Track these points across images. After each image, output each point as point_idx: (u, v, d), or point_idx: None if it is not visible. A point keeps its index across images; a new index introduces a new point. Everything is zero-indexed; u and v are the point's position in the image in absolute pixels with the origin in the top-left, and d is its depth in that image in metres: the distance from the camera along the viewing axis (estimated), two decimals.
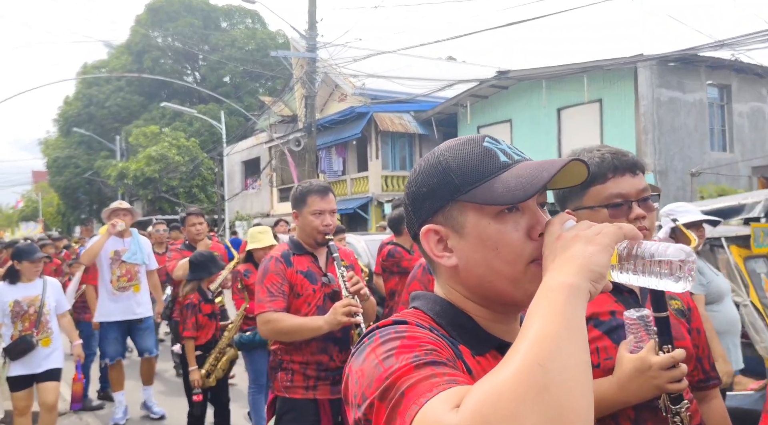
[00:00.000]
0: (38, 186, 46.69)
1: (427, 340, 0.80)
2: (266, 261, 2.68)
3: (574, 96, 13.65)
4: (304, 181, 2.82)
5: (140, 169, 24.54)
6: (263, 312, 2.54)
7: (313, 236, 2.66)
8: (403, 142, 18.26)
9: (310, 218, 2.65)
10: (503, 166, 0.86)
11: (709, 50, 11.89)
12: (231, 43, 32.62)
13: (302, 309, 2.60)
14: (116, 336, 5.29)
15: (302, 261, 2.68)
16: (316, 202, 2.64)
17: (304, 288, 2.63)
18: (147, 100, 32.71)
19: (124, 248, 5.33)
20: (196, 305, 4.16)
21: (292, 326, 2.51)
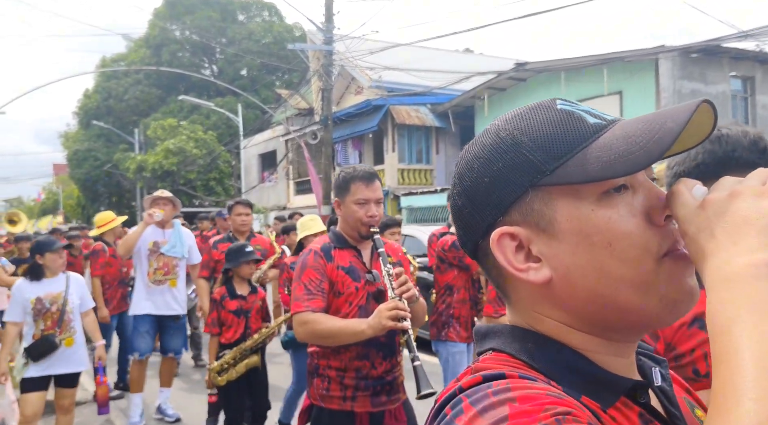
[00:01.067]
0: (59, 178, 47.39)
1: (551, 399, 0.53)
2: (305, 255, 2.43)
3: (593, 88, 13.45)
4: (348, 166, 2.54)
5: (158, 161, 24.77)
6: (300, 312, 2.30)
7: (357, 228, 2.41)
8: (420, 135, 18.18)
9: (353, 208, 2.39)
10: (597, 129, 0.63)
11: (733, 41, 11.66)
12: (248, 36, 32.70)
13: (342, 309, 2.36)
14: (147, 329, 5.03)
15: (344, 256, 2.43)
16: (360, 189, 2.38)
17: (346, 285, 2.38)
18: (165, 93, 32.97)
19: (164, 240, 5.07)
20: (218, 301, 4.00)
21: (331, 329, 2.26)
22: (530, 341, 0.64)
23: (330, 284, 2.36)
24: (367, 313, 2.31)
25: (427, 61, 16.99)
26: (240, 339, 3.97)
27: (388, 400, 2.39)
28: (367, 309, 2.34)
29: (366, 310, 2.34)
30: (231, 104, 27.95)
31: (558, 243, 0.62)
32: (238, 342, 3.96)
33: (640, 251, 0.60)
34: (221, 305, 3.99)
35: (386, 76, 17.37)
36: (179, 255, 5.06)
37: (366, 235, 2.42)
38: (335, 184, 2.48)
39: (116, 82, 33.55)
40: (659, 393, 0.68)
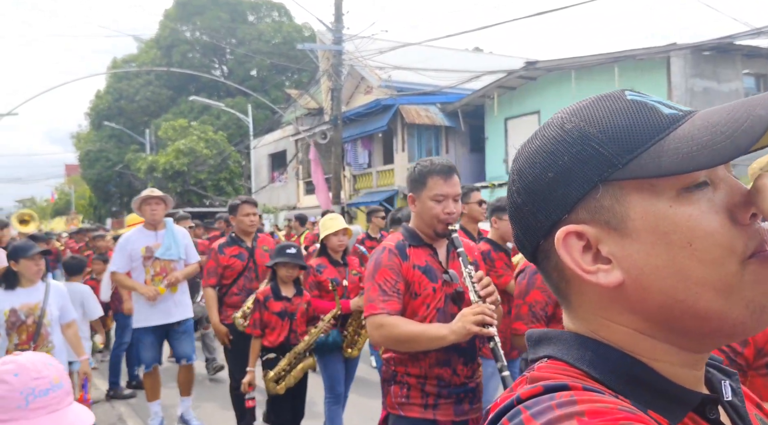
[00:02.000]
0: (71, 179, 47.83)
1: (624, 415, 0.49)
2: (378, 253, 2.27)
3: (604, 86, 13.37)
4: (424, 159, 2.34)
5: (169, 162, 24.93)
6: (375, 314, 2.14)
7: (433, 225, 2.27)
8: (430, 135, 18.16)
9: (429, 204, 2.24)
10: (674, 120, 0.58)
11: (746, 38, 11.54)
12: (258, 36, 32.83)
13: (419, 312, 2.20)
14: (152, 340, 4.74)
15: (420, 255, 2.28)
16: (437, 184, 2.23)
17: (423, 286, 2.22)
18: (176, 94, 33.18)
19: (156, 243, 4.68)
20: (262, 301, 3.83)
21: (410, 333, 2.09)
22: (591, 349, 0.60)
23: (406, 284, 2.21)
24: (445, 316, 2.18)
25: (437, 61, 16.98)
26: (284, 343, 3.81)
27: (471, 409, 2.26)
28: (445, 312, 2.20)
29: (444, 313, 2.20)
30: (241, 104, 28.09)
31: (631, 242, 0.58)
32: (282, 346, 3.80)
33: (724, 252, 0.55)
34: (265, 306, 3.82)
35: (396, 75, 17.37)
36: (176, 257, 4.70)
37: (443, 233, 2.27)
38: (410, 177, 2.32)
39: (127, 82, 33.80)
40: (729, 409, 0.64)
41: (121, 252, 4.65)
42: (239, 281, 4.58)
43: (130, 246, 4.64)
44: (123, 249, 4.64)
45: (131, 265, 4.65)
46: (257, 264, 4.61)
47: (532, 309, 2.38)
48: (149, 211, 4.68)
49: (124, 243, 4.65)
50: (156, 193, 4.76)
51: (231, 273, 4.56)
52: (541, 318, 2.38)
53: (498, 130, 16.63)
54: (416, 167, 2.31)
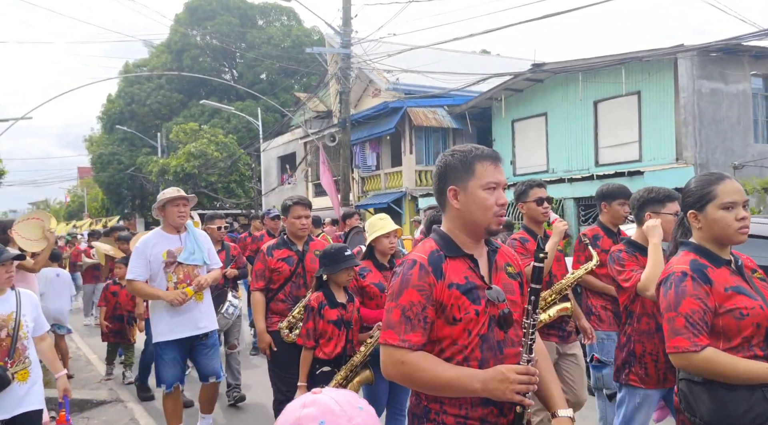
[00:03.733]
0: (83, 182, 48.37)
1: None
2: (406, 267, 1.82)
3: (611, 88, 13.42)
4: (460, 146, 1.95)
5: (180, 164, 25.21)
6: (394, 347, 1.77)
7: (486, 222, 1.84)
8: (437, 137, 18.26)
9: (482, 195, 1.84)
10: None
11: (753, 39, 11.54)
12: (267, 40, 33.11)
13: (460, 341, 1.79)
14: (175, 356, 4.21)
15: (458, 269, 1.83)
16: (489, 171, 1.85)
17: (463, 309, 1.79)
18: (186, 98, 33.52)
19: (179, 247, 4.22)
20: (315, 309, 3.47)
21: (436, 381, 1.75)
22: None
23: (439, 308, 1.80)
24: (489, 345, 1.81)
25: (444, 63, 17.08)
26: (341, 354, 3.46)
27: None
28: (489, 340, 1.81)
29: (489, 341, 1.81)
30: (251, 108, 28.35)
31: None
32: (339, 358, 3.46)
33: None
34: (320, 314, 3.46)
35: (403, 78, 17.50)
36: (200, 263, 4.28)
37: (496, 231, 1.89)
38: (448, 166, 1.89)
39: (139, 87, 34.19)
40: None
41: (139, 257, 4.16)
42: (286, 287, 4.15)
43: (149, 251, 4.15)
44: (141, 254, 4.16)
45: (151, 272, 4.17)
46: (306, 270, 4.17)
47: (689, 320, 2.08)
48: (176, 213, 4.21)
49: (143, 248, 4.18)
50: (182, 192, 4.32)
51: (278, 277, 4.15)
52: (703, 330, 2.06)
53: (505, 132, 16.70)
54: (455, 154, 1.89)
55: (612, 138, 13.77)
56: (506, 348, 1.84)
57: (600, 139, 14.14)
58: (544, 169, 15.42)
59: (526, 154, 16.12)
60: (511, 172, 16.48)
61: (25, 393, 3.10)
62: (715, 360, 2.04)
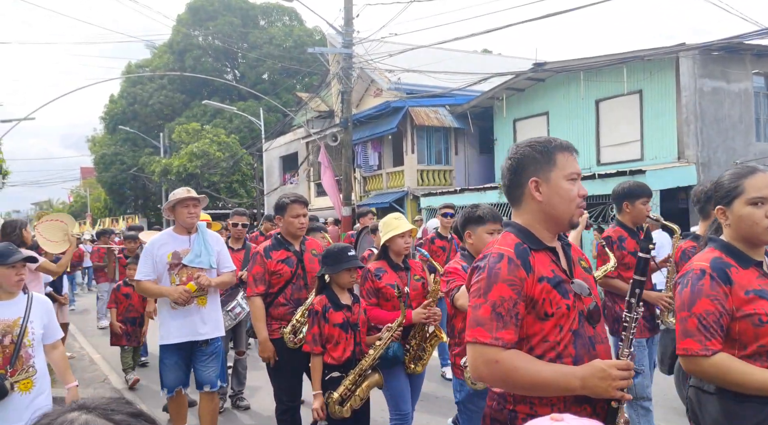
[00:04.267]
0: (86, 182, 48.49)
1: None
2: (493, 261, 1.74)
3: (613, 87, 13.42)
4: (535, 137, 1.91)
5: (183, 165, 25.28)
6: (485, 345, 1.67)
7: (570, 214, 1.80)
8: (439, 136, 18.27)
9: (566, 185, 1.79)
10: None
11: (755, 38, 11.52)
12: (269, 40, 33.15)
13: (551, 337, 1.72)
14: (176, 360, 4.12)
15: (544, 262, 1.77)
16: (570, 161, 1.80)
17: (555, 304, 1.72)
18: (189, 98, 33.59)
19: (185, 248, 4.11)
20: (319, 313, 3.33)
21: (535, 380, 1.65)
22: None
23: (530, 303, 1.72)
24: (583, 342, 1.74)
25: (446, 63, 17.10)
26: (351, 358, 3.34)
27: None
28: (582, 336, 1.74)
29: (581, 337, 1.74)
30: (253, 108, 28.40)
31: None
32: (349, 362, 3.33)
33: None
34: (324, 318, 3.32)
35: (405, 78, 17.51)
36: (206, 266, 4.13)
37: (577, 223, 1.84)
38: (527, 158, 1.82)
39: (141, 87, 34.27)
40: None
41: (146, 258, 4.13)
42: (287, 290, 3.97)
43: (156, 252, 4.09)
44: (149, 254, 4.12)
45: (157, 273, 4.10)
46: (306, 271, 4.01)
47: (703, 322, 1.95)
48: (186, 213, 4.10)
49: (150, 248, 4.14)
50: (193, 193, 4.20)
51: (278, 280, 3.95)
52: (716, 334, 1.94)
53: (507, 132, 16.71)
54: (532, 146, 1.83)
55: (614, 137, 13.77)
56: (597, 344, 1.77)
57: (602, 138, 14.14)
58: None
59: None
60: None
61: (27, 405, 2.88)
62: (726, 367, 1.92)
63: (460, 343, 3.15)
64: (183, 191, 4.19)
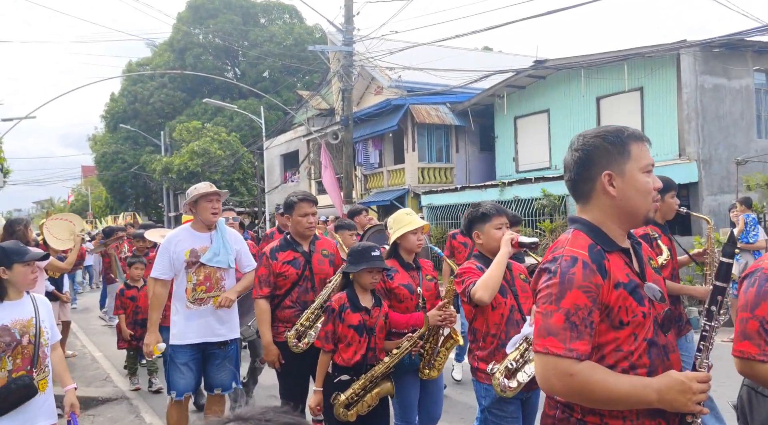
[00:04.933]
0: (87, 180, 48.52)
1: None
2: (565, 265, 1.61)
3: (613, 84, 13.41)
4: (604, 126, 1.78)
5: (184, 163, 25.27)
6: (559, 356, 1.54)
7: (646, 209, 1.68)
8: (440, 134, 18.27)
9: (642, 178, 1.67)
10: None
11: (756, 35, 11.50)
12: (269, 38, 33.10)
13: (624, 346, 1.61)
14: (186, 361, 3.91)
15: (618, 266, 1.65)
16: (644, 151, 1.69)
17: (630, 312, 1.61)
18: (189, 96, 33.57)
19: (203, 246, 3.92)
20: (336, 311, 3.23)
21: (611, 393, 1.54)
22: None
23: (605, 311, 1.60)
24: (658, 351, 1.63)
25: (446, 60, 17.08)
26: (360, 363, 3.21)
27: None
28: (657, 345, 1.64)
29: (656, 346, 1.63)
30: (253, 106, 28.39)
31: None
32: (358, 366, 3.21)
33: None
34: (340, 317, 3.22)
35: (406, 75, 17.50)
36: (224, 266, 3.95)
37: (652, 219, 1.74)
38: (599, 150, 1.69)
39: (142, 85, 34.25)
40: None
41: (163, 254, 3.94)
42: (293, 292, 3.82)
43: (172, 248, 3.91)
44: (165, 251, 3.93)
45: (174, 271, 3.92)
46: (314, 273, 3.85)
47: (765, 326, 1.82)
48: (209, 209, 3.91)
49: (167, 245, 3.95)
50: (215, 187, 4.00)
51: (284, 282, 3.80)
52: None
53: (507, 129, 16.70)
54: (603, 136, 1.70)
55: None
56: (670, 353, 1.66)
57: None
58: (546, 166, 15.42)
59: (528, 151, 16.12)
60: (514, 168, 16.48)
61: (41, 405, 2.89)
62: None
63: (484, 348, 2.95)
64: (206, 185, 3.97)
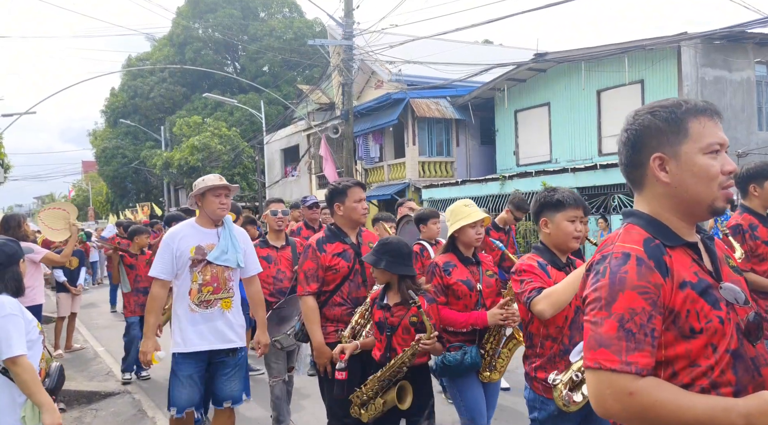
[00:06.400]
0: (88, 176, 48.56)
1: None
2: (615, 262, 1.35)
3: (614, 77, 13.38)
4: (662, 100, 1.49)
5: (184, 158, 25.29)
6: (614, 372, 1.28)
7: (711, 198, 1.40)
8: (440, 128, 18.24)
9: (703, 161, 1.39)
10: None
11: (757, 26, 11.46)
12: (269, 32, 33.03)
13: (700, 360, 1.34)
14: (191, 373, 3.50)
15: (683, 263, 1.39)
16: (709, 128, 1.41)
17: (702, 317, 1.34)
18: (189, 91, 33.55)
19: (211, 243, 3.57)
20: (368, 305, 3.17)
21: (681, 417, 1.26)
22: None
23: (668, 317, 1.34)
24: (745, 366, 1.35)
25: (447, 54, 17.04)
26: (382, 362, 3.02)
27: None
28: (743, 357, 1.36)
29: (743, 360, 1.36)
30: (254, 100, 28.37)
31: None
32: (380, 365, 3.03)
33: None
34: (371, 311, 3.13)
35: (406, 69, 17.46)
36: (233, 265, 3.60)
37: (722, 209, 1.43)
38: (649, 129, 1.44)
39: (142, 80, 34.23)
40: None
41: (164, 251, 3.57)
42: (343, 287, 3.47)
43: (175, 245, 3.54)
44: (167, 247, 3.56)
45: (177, 269, 3.56)
46: (364, 266, 3.48)
47: None
48: (217, 203, 3.58)
49: (169, 240, 3.58)
50: (224, 180, 3.65)
51: (334, 276, 3.45)
52: None
53: (508, 123, 16.68)
54: (655, 113, 1.44)
55: (615, 127, 13.73)
56: (762, 367, 1.37)
57: (603, 129, 14.10)
58: (547, 159, 15.41)
59: (529, 144, 16.11)
60: (515, 162, 16.47)
61: None
62: None
63: (542, 354, 2.59)
64: (215, 178, 3.63)
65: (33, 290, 5.68)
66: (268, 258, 4.48)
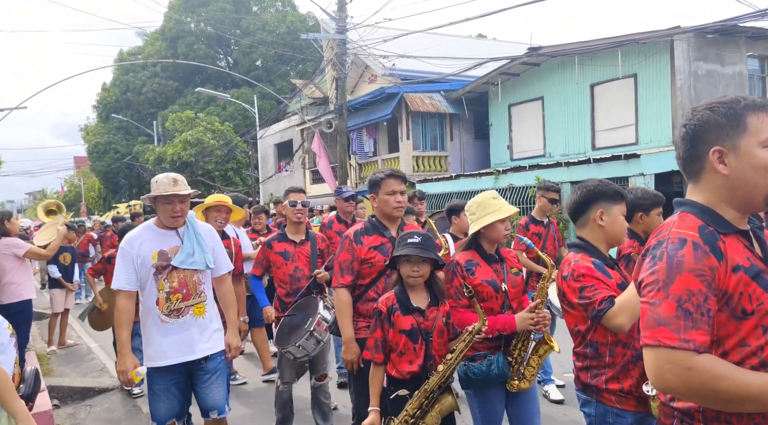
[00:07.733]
0: (80, 171, 48.27)
1: None
2: (672, 247, 1.43)
3: (607, 71, 13.40)
4: (721, 96, 1.58)
5: (177, 153, 25.19)
6: (673, 349, 1.35)
7: (766, 191, 1.47)
8: (434, 122, 18.23)
9: (761, 155, 1.46)
10: None
11: (750, 20, 11.51)
12: (262, 26, 32.88)
13: (750, 340, 1.42)
14: (168, 386, 3.27)
15: (736, 248, 1.46)
16: (765, 124, 1.48)
17: (755, 298, 1.42)
18: (182, 86, 33.38)
19: (174, 246, 3.27)
20: (383, 314, 2.78)
21: (738, 391, 1.33)
22: None
23: (722, 299, 1.42)
24: None
25: (440, 48, 17.01)
26: (419, 374, 2.71)
27: None
28: None
29: None
30: (247, 95, 28.25)
31: None
32: (418, 378, 2.71)
33: None
34: (389, 321, 2.75)
35: (400, 63, 17.43)
36: (201, 267, 3.31)
37: None
38: (708, 123, 1.51)
39: (134, 75, 34.02)
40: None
41: (124, 260, 3.24)
42: (379, 282, 3.33)
43: (135, 251, 3.22)
44: (126, 256, 3.23)
45: (140, 279, 3.25)
46: None
47: None
48: (170, 212, 3.28)
49: (128, 248, 3.24)
50: (180, 185, 3.30)
51: (370, 270, 3.32)
52: None
53: (502, 117, 16.69)
54: (714, 108, 1.51)
55: (609, 121, 13.78)
56: None
57: (597, 123, 14.14)
58: (540, 153, 15.44)
59: (522, 139, 16.13)
60: (508, 156, 16.49)
61: None
62: None
63: (613, 363, 2.33)
64: (168, 182, 3.27)
65: (20, 286, 5.63)
66: (285, 254, 4.20)
